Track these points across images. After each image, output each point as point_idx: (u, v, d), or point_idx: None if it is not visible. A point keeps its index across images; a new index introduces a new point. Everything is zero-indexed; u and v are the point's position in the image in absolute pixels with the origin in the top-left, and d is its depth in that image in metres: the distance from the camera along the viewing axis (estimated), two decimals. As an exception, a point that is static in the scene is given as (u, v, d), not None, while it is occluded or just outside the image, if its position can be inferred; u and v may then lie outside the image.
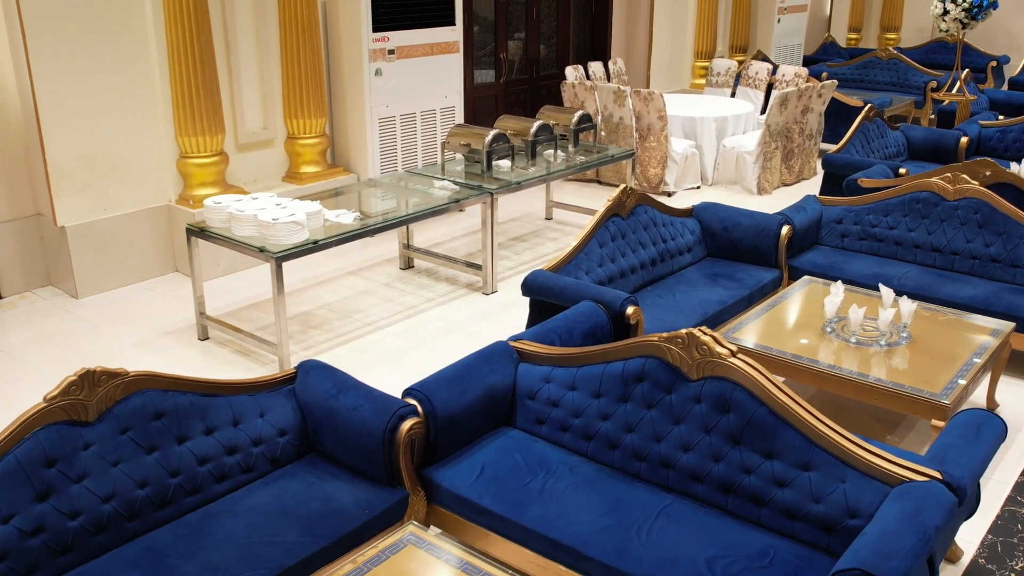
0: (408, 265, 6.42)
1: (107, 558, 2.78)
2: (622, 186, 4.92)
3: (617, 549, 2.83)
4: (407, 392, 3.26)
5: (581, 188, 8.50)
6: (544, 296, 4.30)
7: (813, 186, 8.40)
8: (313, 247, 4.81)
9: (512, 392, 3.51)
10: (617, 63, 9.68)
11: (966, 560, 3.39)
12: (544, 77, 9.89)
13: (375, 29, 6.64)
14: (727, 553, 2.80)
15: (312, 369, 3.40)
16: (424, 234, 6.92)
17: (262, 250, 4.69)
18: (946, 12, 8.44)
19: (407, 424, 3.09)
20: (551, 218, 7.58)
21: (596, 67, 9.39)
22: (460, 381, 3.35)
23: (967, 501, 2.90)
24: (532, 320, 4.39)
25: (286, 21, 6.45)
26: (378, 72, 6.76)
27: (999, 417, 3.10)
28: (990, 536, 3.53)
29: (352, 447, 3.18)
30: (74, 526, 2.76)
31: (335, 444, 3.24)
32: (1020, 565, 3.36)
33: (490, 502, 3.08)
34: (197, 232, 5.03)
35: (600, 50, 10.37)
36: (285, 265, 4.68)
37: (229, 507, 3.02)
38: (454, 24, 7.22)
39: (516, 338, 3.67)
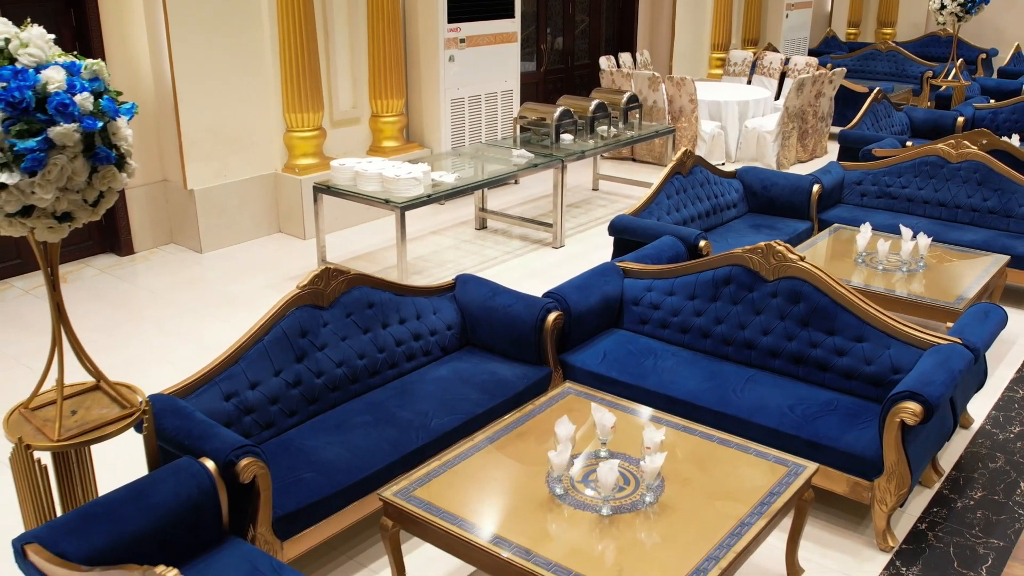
0: (482, 226, 7.36)
1: (341, 408, 3.72)
2: (683, 148, 5.88)
3: (720, 400, 3.79)
4: (546, 295, 4.21)
5: (618, 165, 9.46)
6: (628, 235, 5.26)
7: (825, 162, 9.37)
8: (427, 200, 5.75)
9: (620, 300, 4.47)
10: (643, 54, 10.65)
11: (976, 426, 4.38)
12: (578, 67, 10.86)
13: (449, 20, 7.58)
14: (802, 403, 3.76)
15: (468, 280, 4.34)
16: (488, 203, 7.84)
17: (387, 201, 5.62)
18: (943, 7, 9.44)
19: (552, 316, 4.04)
20: (597, 189, 8.53)
21: (625, 57, 10.35)
22: (584, 288, 4.30)
23: (979, 364, 3.87)
24: (616, 254, 5.34)
25: (373, 13, 7.39)
26: (451, 59, 7.71)
27: (1001, 307, 4.07)
28: (993, 411, 4.52)
29: (507, 336, 4.12)
30: (318, 383, 3.69)
31: (491, 335, 4.18)
32: (1016, 429, 4.34)
33: (617, 374, 4.03)
34: (323, 189, 5.96)
35: (627, 42, 11.34)
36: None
37: (420, 377, 3.96)
38: (513, 16, 8.16)
39: (619, 260, 4.62)
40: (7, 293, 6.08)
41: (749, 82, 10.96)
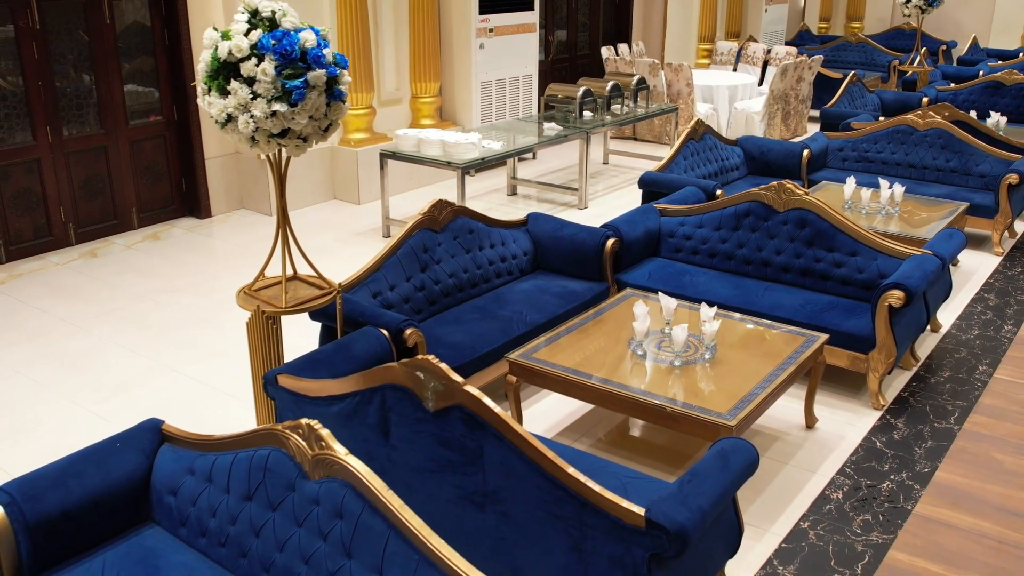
0: (513, 192, 8.38)
1: (453, 311, 4.72)
2: (696, 118, 6.94)
3: (746, 302, 4.85)
4: (603, 226, 5.24)
5: (622, 143, 10.52)
6: (655, 187, 6.31)
7: (806, 140, 10.51)
8: (482, 163, 6.76)
9: (658, 233, 5.51)
10: (639, 44, 11.73)
11: (944, 330, 5.49)
12: (580, 56, 11.92)
13: (480, 12, 8.59)
14: (810, 303, 4.82)
15: (538, 217, 5.36)
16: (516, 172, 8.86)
17: (449, 164, 6.62)
18: (908, 0, 10.62)
19: (611, 241, 5.07)
20: (607, 163, 9.59)
21: (623, 48, 11.42)
22: (632, 222, 5.34)
23: (946, 274, 4.97)
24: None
25: (414, 6, 8.37)
26: (481, 46, 8.71)
27: (962, 232, 5.18)
28: (958, 320, 5.63)
29: (573, 259, 5.15)
30: (436, 289, 4.70)
31: (559, 258, 5.21)
32: (975, 332, 5.45)
33: (662, 287, 5.07)
34: (390, 155, 6.95)
35: (623, 34, 12.42)
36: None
37: (509, 289, 4.98)
38: (533, 9, 9.19)
39: (655, 203, 5.67)
40: (111, 248, 6.99)
41: (735, 69, 12.08)
